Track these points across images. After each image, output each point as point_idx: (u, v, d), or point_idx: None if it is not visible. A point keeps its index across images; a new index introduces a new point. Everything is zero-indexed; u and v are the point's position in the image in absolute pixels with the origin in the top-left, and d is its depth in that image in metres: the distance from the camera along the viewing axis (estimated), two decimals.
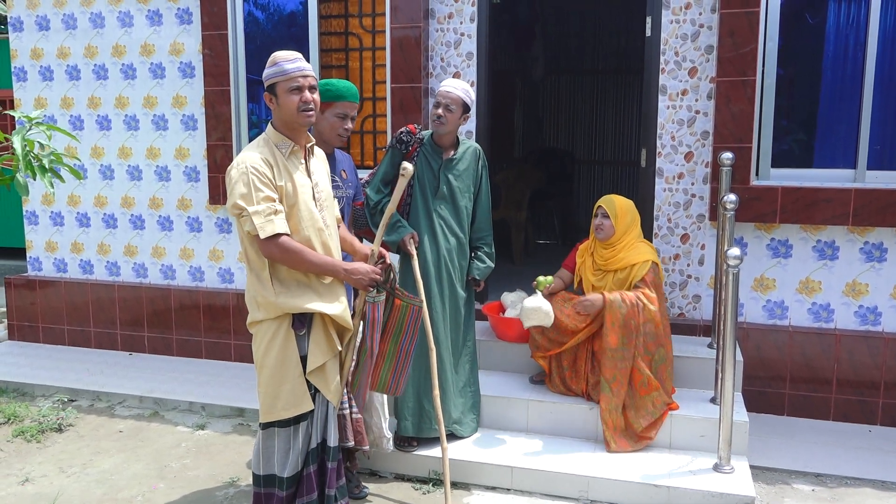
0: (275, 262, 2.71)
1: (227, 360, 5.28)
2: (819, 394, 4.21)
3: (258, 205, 2.63)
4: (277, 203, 2.67)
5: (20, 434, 4.16)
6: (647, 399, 3.60)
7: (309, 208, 2.76)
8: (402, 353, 3.05)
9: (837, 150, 4.27)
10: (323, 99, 3.13)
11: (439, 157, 3.61)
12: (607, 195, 3.87)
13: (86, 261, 5.67)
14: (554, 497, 3.43)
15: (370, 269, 2.83)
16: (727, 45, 4.07)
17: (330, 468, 2.89)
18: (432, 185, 3.61)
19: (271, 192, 2.66)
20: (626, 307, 3.59)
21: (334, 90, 3.19)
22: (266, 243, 2.65)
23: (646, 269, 3.68)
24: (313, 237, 2.77)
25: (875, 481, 3.55)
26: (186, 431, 4.25)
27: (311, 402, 2.80)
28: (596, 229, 3.80)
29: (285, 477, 2.82)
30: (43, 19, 5.48)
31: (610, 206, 3.77)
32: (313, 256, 2.71)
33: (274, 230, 2.63)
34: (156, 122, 5.33)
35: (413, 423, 3.63)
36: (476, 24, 4.58)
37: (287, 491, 2.84)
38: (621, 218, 3.74)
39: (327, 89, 3.17)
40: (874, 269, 4.14)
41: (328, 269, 2.75)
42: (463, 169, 3.65)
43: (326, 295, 2.78)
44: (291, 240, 2.68)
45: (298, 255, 2.67)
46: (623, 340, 3.59)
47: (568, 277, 4.00)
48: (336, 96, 3.18)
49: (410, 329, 3.03)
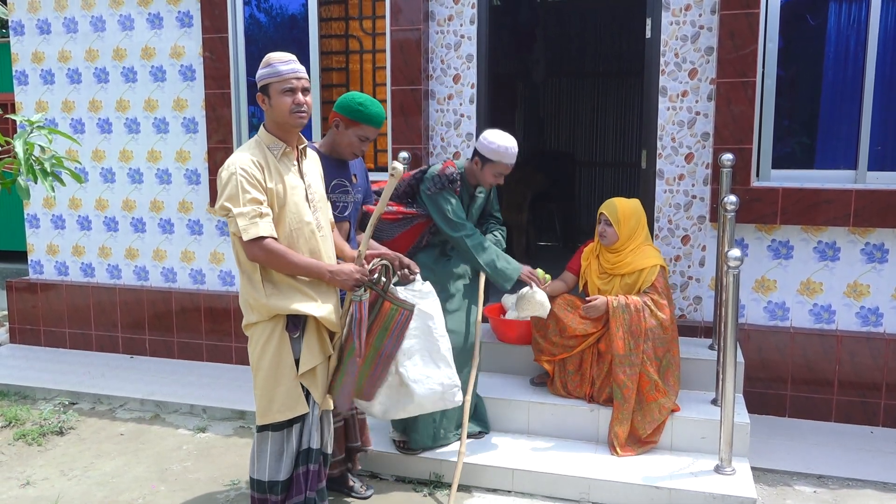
0: (259, 263, 2.70)
1: (227, 363, 5.28)
2: (820, 395, 4.20)
3: (243, 207, 2.62)
4: (264, 206, 2.66)
5: (21, 437, 4.16)
6: (654, 406, 3.58)
7: (301, 210, 2.76)
8: (382, 357, 2.90)
9: (838, 151, 4.27)
10: (352, 117, 3.07)
11: (468, 190, 3.69)
12: (609, 199, 3.81)
13: (87, 264, 5.68)
14: (555, 499, 3.42)
15: (354, 269, 2.78)
16: (727, 47, 4.07)
17: (311, 470, 2.86)
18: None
19: (258, 195, 2.65)
20: (630, 312, 3.58)
21: (367, 113, 3.08)
22: (249, 245, 2.64)
23: (655, 275, 3.65)
24: (305, 239, 2.76)
25: (877, 483, 3.55)
26: (187, 434, 4.25)
27: (305, 405, 2.79)
28: (600, 236, 3.77)
29: (279, 481, 2.82)
30: (44, 23, 5.49)
31: (612, 213, 3.72)
32: (297, 258, 2.70)
33: (257, 233, 2.62)
34: (156, 126, 5.34)
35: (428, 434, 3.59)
36: (476, 26, 4.59)
37: (281, 495, 2.84)
38: (624, 223, 3.71)
39: (359, 110, 3.07)
40: (875, 270, 4.14)
41: (312, 271, 2.73)
42: (482, 199, 3.75)
43: (317, 297, 2.77)
44: (276, 242, 2.66)
45: (282, 257, 2.66)
46: (630, 346, 3.57)
47: (571, 280, 3.97)
48: (367, 119, 3.08)
49: (396, 333, 2.92)
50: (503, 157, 3.50)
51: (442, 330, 3.03)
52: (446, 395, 3.01)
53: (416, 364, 2.98)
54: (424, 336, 2.99)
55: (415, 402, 3.00)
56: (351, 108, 3.08)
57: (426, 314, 2.99)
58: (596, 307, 3.64)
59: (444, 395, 3.01)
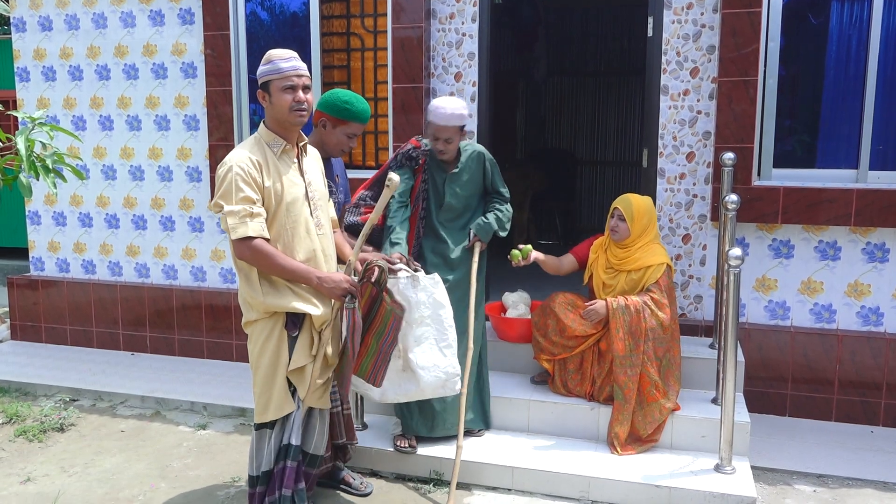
0: (247, 263, 2.69)
1: (228, 360, 5.28)
2: (821, 394, 4.21)
3: (234, 205, 2.61)
4: (257, 206, 2.64)
5: (22, 433, 4.16)
6: (655, 406, 3.58)
7: (299, 208, 2.74)
8: (382, 353, 2.96)
9: (840, 150, 4.26)
10: (339, 116, 3.10)
11: (443, 171, 3.62)
12: (624, 195, 3.78)
13: (88, 261, 5.68)
14: (555, 497, 3.42)
15: (343, 278, 2.76)
16: (729, 45, 4.07)
17: (289, 467, 2.85)
18: (438, 198, 3.61)
19: (252, 193, 2.63)
20: (630, 314, 3.58)
21: (354, 111, 3.13)
22: (238, 244, 2.63)
23: (660, 273, 3.64)
24: (301, 238, 2.75)
25: (877, 482, 3.55)
26: (188, 431, 4.26)
27: (292, 404, 2.80)
28: (612, 230, 3.75)
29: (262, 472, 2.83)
30: (45, 20, 5.49)
31: (627, 209, 3.70)
32: (285, 262, 2.67)
33: (245, 232, 2.60)
34: (158, 123, 5.34)
35: (425, 423, 3.61)
36: (478, 24, 4.58)
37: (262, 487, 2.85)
38: (638, 220, 3.69)
39: (346, 108, 3.11)
40: (876, 270, 4.14)
41: (300, 276, 2.71)
42: (466, 180, 3.64)
43: (313, 297, 2.77)
44: (265, 243, 2.64)
45: (270, 259, 2.64)
46: (630, 347, 3.56)
47: (569, 263, 3.94)
48: (353, 116, 3.14)
49: (391, 333, 2.95)
50: (436, 115, 3.41)
51: (451, 319, 3.07)
52: (448, 384, 3.07)
53: (424, 351, 3.03)
54: (436, 325, 3.03)
55: (419, 388, 3.05)
56: (337, 106, 3.09)
57: (438, 303, 3.03)
58: (596, 311, 3.64)
59: (447, 383, 3.07)
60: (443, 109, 3.41)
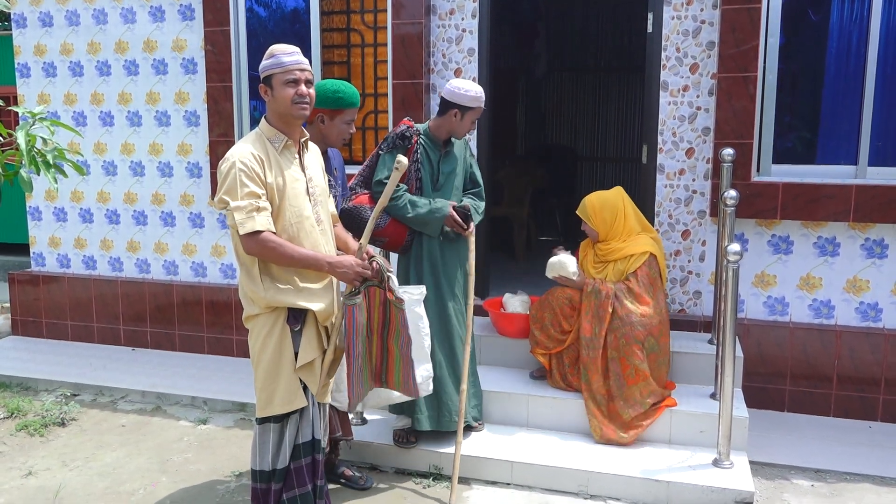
0: (256, 257, 2.70)
1: (228, 356, 5.30)
2: (819, 390, 4.22)
3: (241, 200, 2.61)
4: (262, 200, 2.64)
5: (23, 428, 4.18)
6: (635, 389, 3.62)
7: (301, 204, 2.75)
8: (404, 358, 3.00)
9: (839, 146, 4.27)
10: (334, 106, 3.11)
11: (437, 150, 3.63)
12: (583, 199, 3.95)
13: (89, 256, 5.69)
14: (554, 491, 3.44)
15: (355, 262, 2.74)
16: (729, 42, 4.07)
17: (318, 460, 2.89)
18: (432, 177, 3.62)
19: (256, 188, 2.63)
20: (600, 298, 3.68)
21: (347, 98, 3.13)
22: (246, 239, 2.63)
23: (640, 262, 3.72)
24: (306, 232, 2.75)
25: (874, 477, 3.56)
26: (188, 426, 4.28)
27: (304, 399, 2.80)
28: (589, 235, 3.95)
29: (279, 469, 2.83)
30: (46, 15, 5.50)
31: (582, 212, 3.93)
32: (295, 251, 2.67)
33: (254, 227, 2.60)
34: (158, 119, 5.35)
35: (431, 416, 3.60)
36: (478, 20, 4.59)
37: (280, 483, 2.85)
38: (597, 216, 3.86)
39: (340, 98, 3.11)
40: (875, 266, 4.14)
41: (311, 263, 2.70)
42: (458, 158, 3.70)
43: (315, 291, 2.77)
44: (273, 236, 2.64)
45: (279, 250, 2.64)
46: (595, 330, 3.68)
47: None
48: (348, 103, 3.14)
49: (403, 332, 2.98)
50: (480, 101, 3.55)
51: (427, 329, 3.12)
52: (422, 386, 3.12)
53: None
54: (415, 334, 3.05)
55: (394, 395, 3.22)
56: (330, 98, 3.12)
57: (418, 315, 3.07)
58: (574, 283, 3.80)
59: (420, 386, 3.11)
60: (476, 92, 3.53)
